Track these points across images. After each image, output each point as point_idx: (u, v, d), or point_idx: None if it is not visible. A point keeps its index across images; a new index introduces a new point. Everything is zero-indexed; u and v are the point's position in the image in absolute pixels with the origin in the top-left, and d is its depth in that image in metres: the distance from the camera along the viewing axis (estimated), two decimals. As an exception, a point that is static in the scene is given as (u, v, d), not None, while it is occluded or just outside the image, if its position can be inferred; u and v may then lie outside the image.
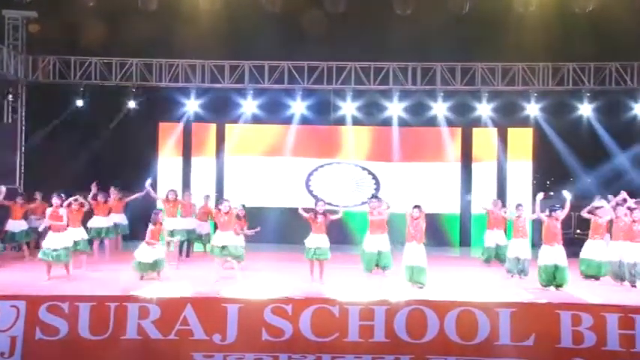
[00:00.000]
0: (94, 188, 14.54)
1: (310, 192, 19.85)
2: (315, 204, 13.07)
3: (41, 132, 18.81)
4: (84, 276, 12.86)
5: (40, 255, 12.47)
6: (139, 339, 9.09)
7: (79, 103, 18.65)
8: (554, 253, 12.25)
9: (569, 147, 19.28)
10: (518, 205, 13.78)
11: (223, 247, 12.67)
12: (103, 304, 9.17)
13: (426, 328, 9.14)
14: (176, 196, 14.86)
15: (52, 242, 12.37)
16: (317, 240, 12.63)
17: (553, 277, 12.25)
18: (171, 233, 14.20)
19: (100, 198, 14.75)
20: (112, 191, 15.25)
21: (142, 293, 9.98)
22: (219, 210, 12.91)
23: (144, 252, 12.43)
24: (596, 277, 13.32)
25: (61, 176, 16.75)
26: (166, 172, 19.59)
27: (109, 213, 15.05)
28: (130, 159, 18.73)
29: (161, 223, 12.74)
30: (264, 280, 12.79)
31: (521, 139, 19.80)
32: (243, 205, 14.15)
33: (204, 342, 9.11)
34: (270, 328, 9.14)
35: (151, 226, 12.55)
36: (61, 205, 12.54)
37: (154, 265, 12.46)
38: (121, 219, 15.51)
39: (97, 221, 14.76)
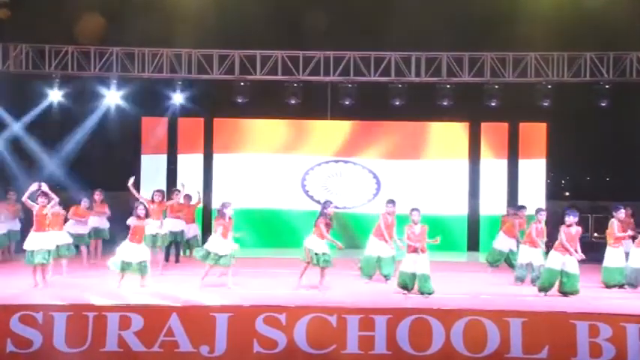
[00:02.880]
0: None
1: (306, 192, 19.84)
2: (325, 207, 12.81)
3: (13, 127, 18.73)
4: (60, 283, 12.85)
5: (26, 260, 12.45)
6: (120, 351, 9.09)
7: (55, 95, 18.58)
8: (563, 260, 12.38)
9: (586, 143, 19.27)
10: (540, 210, 13.88)
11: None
12: (80, 314, 9.16)
13: (431, 339, 9.15)
14: (163, 197, 14.79)
15: (35, 244, 12.36)
16: (322, 245, 12.50)
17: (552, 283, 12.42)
18: (155, 238, 14.16)
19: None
20: (97, 193, 15.51)
21: (123, 301, 9.96)
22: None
23: (127, 250, 12.37)
24: (620, 286, 13.37)
25: (35, 175, 16.70)
26: (150, 170, 19.50)
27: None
28: (110, 156, 18.64)
29: (144, 218, 12.59)
30: (255, 287, 12.78)
31: (534, 135, 19.78)
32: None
33: (190, 354, 9.11)
34: (262, 339, 9.15)
35: (134, 221, 12.44)
36: (47, 205, 12.53)
37: (138, 268, 12.41)
38: (102, 223, 15.57)
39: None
